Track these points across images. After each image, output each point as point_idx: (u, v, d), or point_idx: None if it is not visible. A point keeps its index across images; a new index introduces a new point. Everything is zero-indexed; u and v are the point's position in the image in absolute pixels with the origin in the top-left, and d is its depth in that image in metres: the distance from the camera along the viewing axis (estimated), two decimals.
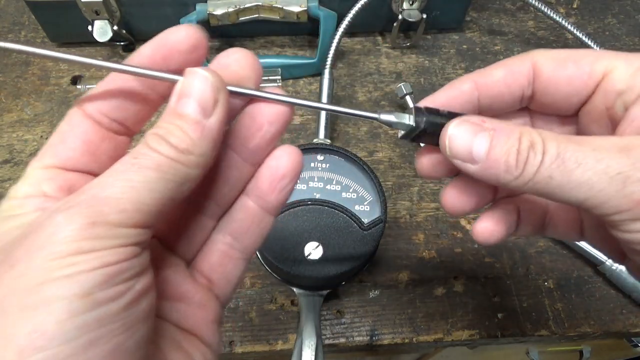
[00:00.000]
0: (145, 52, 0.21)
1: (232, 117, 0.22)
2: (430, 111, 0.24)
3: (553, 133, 0.21)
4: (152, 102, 0.22)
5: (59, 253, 0.16)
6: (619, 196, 0.19)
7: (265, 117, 0.22)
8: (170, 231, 0.23)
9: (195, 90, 0.19)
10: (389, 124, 0.24)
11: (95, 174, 0.20)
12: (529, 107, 0.27)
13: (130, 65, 0.20)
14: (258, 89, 0.21)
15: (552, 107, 0.25)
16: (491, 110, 0.26)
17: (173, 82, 0.20)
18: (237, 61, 0.21)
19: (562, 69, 0.24)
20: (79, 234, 0.16)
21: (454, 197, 0.26)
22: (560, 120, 0.27)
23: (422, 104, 0.25)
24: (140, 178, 0.17)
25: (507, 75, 0.25)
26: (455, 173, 0.25)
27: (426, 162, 0.26)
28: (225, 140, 0.22)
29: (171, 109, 0.19)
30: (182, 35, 0.20)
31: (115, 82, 0.21)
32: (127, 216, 0.17)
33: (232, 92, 0.20)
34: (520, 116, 0.27)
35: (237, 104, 0.22)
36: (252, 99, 0.22)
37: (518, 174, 0.21)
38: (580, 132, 0.26)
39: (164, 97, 0.21)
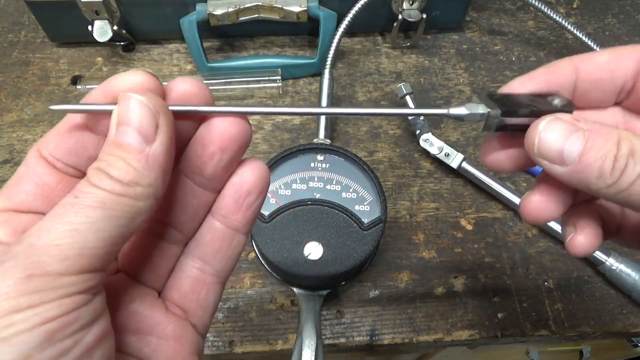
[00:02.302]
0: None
1: (184, 140, 0.20)
2: (508, 100, 0.22)
3: None
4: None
5: None
6: None
7: (216, 144, 0.20)
8: (134, 261, 0.22)
9: (133, 116, 0.17)
10: (460, 119, 0.22)
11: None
12: (623, 105, 0.24)
13: (77, 104, 0.19)
14: (209, 104, 0.20)
15: None
16: (585, 99, 0.24)
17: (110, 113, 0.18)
18: (181, 82, 0.20)
19: None
20: (14, 290, 0.15)
21: (538, 205, 0.24)
22: None
23: (516, 82, 0.23)
24: (81, 219, 0.16)
25: (611, 60, 0.23)
26: (520, 170, 0.24)
27: (498, 154, 0.24)
28: (180, 167, 0.21)
29: (110, 140, 0.18)
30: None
31: (67, 124, 0.20)
32: (69, 263, 0.15)
33: (177, 112, 0.19)
34: (611, 115, 0.25)
35: (186, 126, 0.20)
36: (205, 117, 0.20)
37: (612, 182, 0.19)
38: None
39: None
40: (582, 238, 0.24)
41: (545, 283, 0.46)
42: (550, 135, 0.20)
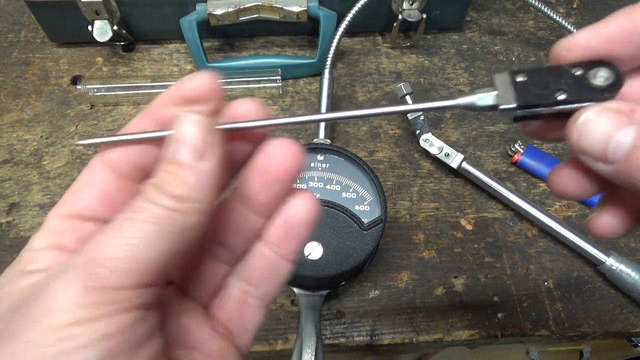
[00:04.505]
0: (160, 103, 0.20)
1: (239, 162, 0.21)
2: (535, 80, 0.19)
3: None
4: None
5: (54, 326, 0.15)
6: None
7: (272, 174, 0.20)
8: (185, 275, 0.22)
9: (187, 135, 0.18)
10: (472, 109, 0.20)
11: None
12: None
13: (122, 134, 0.20)
14: (264, 118, 0.20)
15: None
16: None
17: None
18: (242, 104, 0.20)
19: None
20: (75, 302, 0.15)
21: (608, 224, 0.21)
22: None
23: (581, 37, 0.19)
24: (136, 234, 0.16)
25: None
26: (597, 192, 0.21)
27: (566, 179, 0.21)
28: (235, 190, 0.21)
29: (165, 158, 0.19)
30: (197, 84, 0.19)
31: (135, 128, 0.21)
32: (125, 278, 0.16)
33: (227, 130, 0.20)
34: None
35: (241, 147, 0.21)
36: (261, 139, 0.20)
37: None
38: None
39: None
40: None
41: (545, 283, 0.46)
42: (593, 128, 0.18)
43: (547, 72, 0.19)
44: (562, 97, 0.18)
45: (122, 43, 0.56)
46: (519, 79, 0.19)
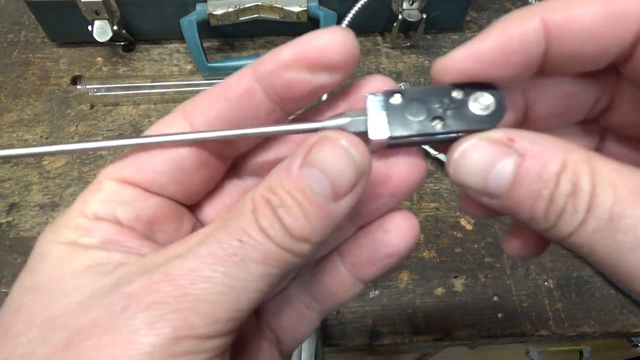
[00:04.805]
0: (286, 55, 0.17)
1: None
2: (408, 104, 0.17)
3: (618, 168, 0.14)
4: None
5: None
6: None
7: (389, 187, 0.17)
8: None
9: (332, 167, 0.14)
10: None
11: (179, 204, 0.17)
12: (624, 72, 0.17)
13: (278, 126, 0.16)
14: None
15: None
16: (557, 71, 0.17)
17: (309, 131, 0.16)
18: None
19: None
20: (161, 351, 0.13)
21: (518, 248, 0.20)
22: None
23: (456, 60, 0.17)
24: (242, 275, 0.14)
25: (601, 20, 0.15)
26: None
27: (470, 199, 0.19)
28: None
29: (292, 174, 0.14)
30: (329, 41, 0.16)
31: (241, 82, 0.17)
32: (218, 328, 0.14)
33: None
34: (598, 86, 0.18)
35: None
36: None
37: (548, 226, 0.14)
38: None
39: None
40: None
41: (545, 283, 0.45)
42: (470, 163, 0.15)
43: (425, 94, 0.17)
44: (438, 126, 0.17)
45: (122, 43, 0.56)
46: (394, 101, 0.17)
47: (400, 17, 0.55)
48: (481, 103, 0.16)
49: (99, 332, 0.13)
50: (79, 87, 0.52)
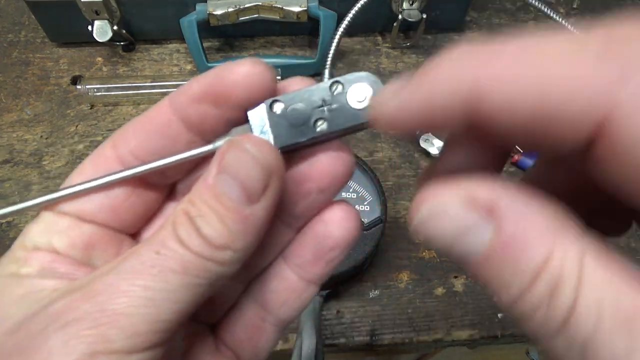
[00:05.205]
0: (195, 89, 0.17)
1: None
2: (287, 109, 0.16)
3: (614, 280, 0.11)
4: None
5: None
6: None
7: (315, 182, 0.17)
8: None
9: (239, 171, 0.14)
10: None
11: (116, 230, 0.17)
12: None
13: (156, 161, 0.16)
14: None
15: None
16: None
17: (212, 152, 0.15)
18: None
19: None
20: None
21: None
22: None
23: (388, 109, 0.15)
24: (160, 286, 0.14)
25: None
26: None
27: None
28: None
29: (208, 183, 0.15)
30: (242, 73, 0.16)
31: (158, 114, 0.17)
32: (138, 340, 0.13)
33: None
34: None
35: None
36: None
37: (511, 314, 0.12)
38: None
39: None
40: None
41: None
42: (439, 224, 0.13)
43: (304, 95, 0.17)
44: (323, 127, 0.16)
45: (122, 43, 0.56)
46: (276, 109, 0.17)
47: (400, 17, 0.55)
48: (358, 95, 0.16)
49: (19, 354, 0.13)
50: (79, 87, 0.52)
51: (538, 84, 0.11)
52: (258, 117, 0.17)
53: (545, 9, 0.54)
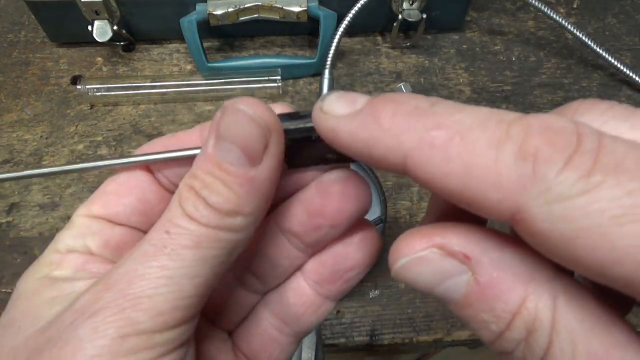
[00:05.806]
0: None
1: (283, 188, 0.17)
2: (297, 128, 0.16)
3: (587, 320, 0.11)
4: None
5: None
6: None
7: (327, 219, 0.17)
8: (208, 300, 0.19)
9: (237, 133, 0.14)
10: None
11: (145, 232, 0.17)
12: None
13: (143, 154, 0.17)
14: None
15: None
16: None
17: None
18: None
19: None
20: (108, 352, 0.13)
21: None
22: None
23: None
24: (176, 264, 0.14)
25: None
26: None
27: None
28: (277, 221, 0.18)
29: (207, 153, 0.15)
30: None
31: (186, 136, 0.18)
32: (164, 319, 0.14)
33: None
34: None
35: (291, 179, 0.17)
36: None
37: (492, 350, 0.13)
38: None
39: None
40: None
41: None
42: (416, 272, 0.13)
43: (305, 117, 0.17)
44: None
45: (122, 43, 0.56)
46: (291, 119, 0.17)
47: (400, 17, 0.55)
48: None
49: (52, 347, 0.14)
50: (79, 87, 0.52)
51: (463, 173, 0.12)
52: None
53: (545, 9, 0.54)
